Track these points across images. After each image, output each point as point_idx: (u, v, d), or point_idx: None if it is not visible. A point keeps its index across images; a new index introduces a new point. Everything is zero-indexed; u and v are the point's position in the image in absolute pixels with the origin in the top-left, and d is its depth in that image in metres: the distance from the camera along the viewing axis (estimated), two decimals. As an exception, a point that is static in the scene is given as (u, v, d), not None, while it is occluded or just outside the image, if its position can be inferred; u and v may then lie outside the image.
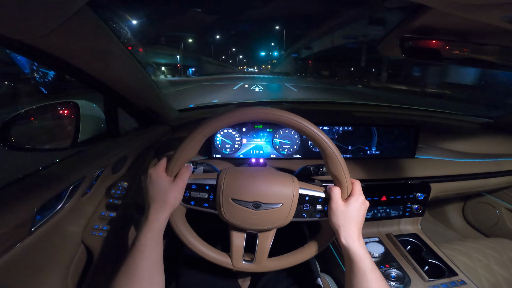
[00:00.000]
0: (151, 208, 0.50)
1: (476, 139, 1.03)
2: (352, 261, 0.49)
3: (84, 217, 0.71)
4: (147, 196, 0.52)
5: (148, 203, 0.51)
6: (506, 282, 0.84)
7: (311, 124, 0.50)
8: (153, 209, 0.50)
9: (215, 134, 0.87)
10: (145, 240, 0.48)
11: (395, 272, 0.78)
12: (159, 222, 0.50)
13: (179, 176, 0.52)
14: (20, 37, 0.46)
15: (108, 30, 0.58)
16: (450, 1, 0.36)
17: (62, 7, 0.42)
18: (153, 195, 0.51)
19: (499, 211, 1.19)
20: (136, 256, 0.47)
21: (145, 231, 0.48)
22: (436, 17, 0.55)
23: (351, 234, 0.50)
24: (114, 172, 0.80)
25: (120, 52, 0.65)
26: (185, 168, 0.53)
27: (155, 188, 0.51)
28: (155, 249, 0.49)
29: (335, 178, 0.53)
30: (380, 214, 0.94)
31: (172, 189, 0.51)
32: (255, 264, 0.57)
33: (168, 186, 0.51)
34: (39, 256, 0.57)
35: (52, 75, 6.58)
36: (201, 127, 0.50)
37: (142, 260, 0.47)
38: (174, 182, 0.51)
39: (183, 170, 0.53)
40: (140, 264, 0.46)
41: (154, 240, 0.49)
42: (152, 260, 0.48)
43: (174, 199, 0.51)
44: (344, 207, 0.51)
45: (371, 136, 0.92)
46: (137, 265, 0.46)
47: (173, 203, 0.51)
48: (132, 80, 0.77)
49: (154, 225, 0.49)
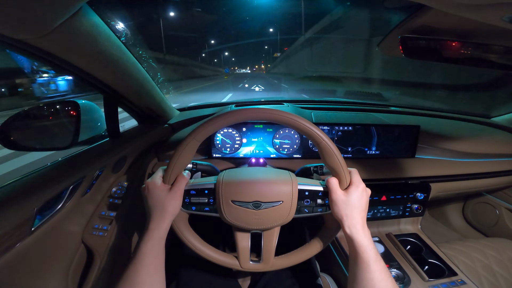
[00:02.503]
0: (151, 218, 0.51)
1: (476, 139, 1.02)
2: (356, 252, 0.48)
3: (84, 217, 0.72)
4: (147, 207, 0.53)
5: (148, 213, 0.52)
6: (506, 282, 0.84)
7: (302, 118, 0.50)
8: (153, 218, 0.51)
9: (215, 134, 0.87)
10: (146, 249, 0.48)
11: (395, 272, 0.78)
12: (160, 231, 0.50)
13: (175, 184, 0.53)
14: (20, 37, 0.46)
15: (108, 30, 0.58)
16: (450, 1, 0.36)
17: (62, 7, 0.42)
18: (152, 205, 0.52)
19: (499, 211, 1.19)
20: (137, 263, 0.48)
21: (146, 239, 0.49)
22: (436, 17, 0.55)
23: (355, 223, 0.50)
24: (114, 172, 0.80)
25: (120, 52, 0.65)
26: (181, 176, 0.54)
27: (154, 198, 0.52)
28: (156, 257, 0.50)
29: (332, 170, 0.53)
30: (380, 214, 0.94)
31: (170, 197, 0.52)
32: (263, 264, 0.57)
33: (166, 195, 0.52)
34: (39, 256, 0.57)
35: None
36: (193, 133, 0.51)
37: (143, 267, 0.47)
38: (171, 191, 0.52)
39: (179, 178, 0.53)
40: (141, 272, 0.47)
41: (155, 248, 0.50)
42: (152, 268, 0.49)
43: (173, 207, 0.52)
44: (344, 197, 0.51)
45: (371, 136, 0.91)
46: (138, 272, 0.47)
47: (172, 211, 0.52)
48: (132, 80, 0.77)
49: (155, 234, 0.50)
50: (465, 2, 0.35)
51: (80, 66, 0.62)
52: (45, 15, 0.42)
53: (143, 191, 0.54)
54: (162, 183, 0.53)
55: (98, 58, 0.62)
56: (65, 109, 0.77)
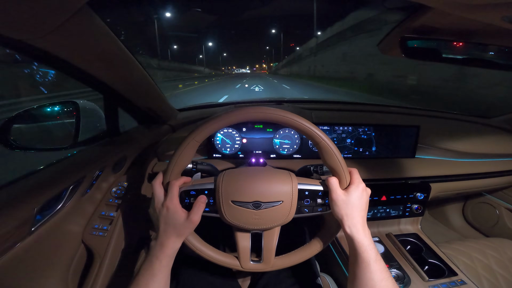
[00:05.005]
0: (166, 235, 0.51)
1: (476, 139, 1.03)
2: (356, 252, 0.49)
3: (84, 217, 0.71)
4: (163, 223, 0.52)
5: (163, 229, 0.51)
6: (506, 282, 0.84)
7: (302, 118, 0.50)
8: (169, 235, 0.51)
9: (215, 134, 0.87)
10: (160, 266, 0.49)
11: (395, 272, 0.78)
12: (174, 249, 0.51)
13: (193, 211, 0.52)
14: (20, 37, 0.46)
15: (108, 30, 0.58)
16: (450, 1, 0.36)
17: (62, 7, 0.42)
18: (169, 224, 0.51)
19: (499, 211, 1.20)
20: (149, 279, 0.48)
21: (160, 257, 0.49)
22: (436, 17, 0.55)
23: (355, 223, 0.50)
24: (114, 172, 0.80)
25: (120, 52, 0.65)
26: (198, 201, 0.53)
27: (172, 219, 0.51)
28: (167, 273, 0.50)
29: (332, 170, 0.53)
30: (380, 214, 0.94)
31: (189, 222, 0.51)
32: (264, 264, 0.57)
33: (185, 220, 0.51)
34: (39, 256, 0.57)
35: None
36: (193, 133, 0.51)
37: (155, 282, 0.48)
38: (188, 219, 0.51)
39: (196, 205, 0.52)
40: (152, 286, 0.48)
41: (168, 265, 0.50)
42: (163, 282, 0.49)
43: (190, 230, 0.53)
44: (345, 196, 0.51)
45: (371, 136, 0.92)
46: (149, 287, 0.47)
47: (188, 233, 0.53)
48: (132, 80, 0.77)
49: (170, 252, 0.51)
50: (465, 2, 0.35)
51: (80, 66, 0.62)
52: (45, 15, 0.42)
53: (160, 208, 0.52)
54: (182, 208, 0.52)
55: (98, 58, 0.62)
56: (65, 109, 0.77)
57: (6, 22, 0.41)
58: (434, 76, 7.22)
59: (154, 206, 0.53)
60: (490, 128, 1.14)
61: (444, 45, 0.68)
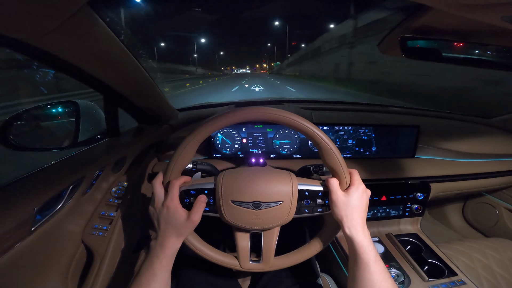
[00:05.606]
0: (166, 235, 0.51)
1: (476, 139, 1.03)
2: (356, 253, 0.49)
3: (84, 217, 0.71)
4: (163, 223, 0.52)
5: (163, 230, 0.52)
6: (506, 282, 0.84)
7: (302, 118, 0.50)
8: (169, 235, 0.51)
9: (215, 134, 0.87)
10: (161, 266, 0.49)
11: (395, 272, 0.78)
12: (174, 249, 0.52)
13: (193, 210, 0.52)
14: (20, 37, 0.46)
15: (108, 30, 0.58)
16: (450, 1, 0.36)
17: (62, 7, 0.42)
18: (170, 224, 0.51)
19: (499, 211, 1.20)
20: (150, 279, 0.48)
21: (161, 256, 0.50)
22: (436, 17, 0.55)
23: (355, 224, 0.50)
24: (114, 171, 0.80)
25: (120, 52, 0.65)
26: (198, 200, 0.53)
27: (173, 219, 0.51)
28: (168, 272, 0.51)
29: (332, 170, 0.53)
30: (380, 214, 0.94)
31: (189, 222, 0.51)
32: (263, 264, 0.57)
33: (185, 220, 0.51)
34: (39, 256, 0.57)
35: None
36: (193, 133, 0.51)
37: (155, 282, 0.48)
38: (189, 219, 0.51)
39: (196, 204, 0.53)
40: (153, 286, 0.48)
41: (169, 265, 0.51)
42: (163, 282, 0.49)
43: (190, 229, 0.53)
44: (345, 197, 0.51)
45: (371, 136, 0.92)
46: (150, 287, 0.48)
47: (188, 233, 0.54)
48: (132, 80, 0.77)
49: (170, 252, 0.51)
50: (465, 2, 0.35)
51: (80, 66, 0.63)
52: (45, 15, 0.42)
53: (160, 208, 0.52)
54: (182, 208, 0.52)
55: (98, 58, 0.62)
56: (65, 109, 0.77)
57: (6, 22, 0.41)
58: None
59: (154, 206, 0.53)
60: (490, 128, 1.14)
61: (444, 45, 0.68)
